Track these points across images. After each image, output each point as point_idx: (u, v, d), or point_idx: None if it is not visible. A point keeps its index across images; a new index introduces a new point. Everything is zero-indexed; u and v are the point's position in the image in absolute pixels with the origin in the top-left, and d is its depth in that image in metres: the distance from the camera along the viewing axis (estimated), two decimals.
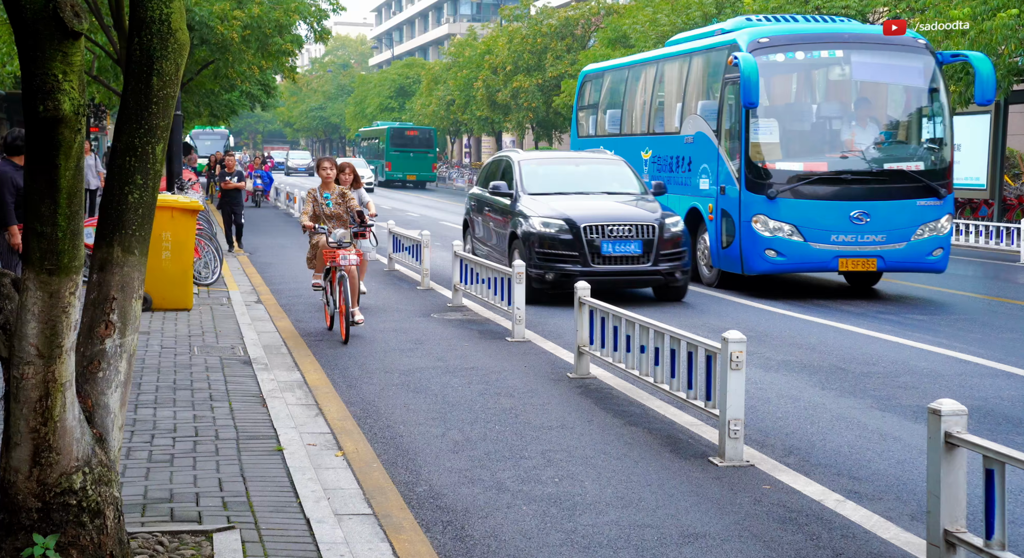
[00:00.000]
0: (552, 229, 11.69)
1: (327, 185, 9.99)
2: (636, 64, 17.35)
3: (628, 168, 13.57)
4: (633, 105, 16.93)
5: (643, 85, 16.60)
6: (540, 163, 13.61)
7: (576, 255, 11.54)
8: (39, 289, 3.69)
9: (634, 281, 11.88)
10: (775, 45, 12.92)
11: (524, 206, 12.31)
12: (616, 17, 37.95)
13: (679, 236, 11.93)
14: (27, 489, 3.76)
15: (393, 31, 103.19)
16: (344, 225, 9.87)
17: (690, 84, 14.66)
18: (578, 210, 11.92)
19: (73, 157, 3.67)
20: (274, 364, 8.12)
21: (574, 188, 12.83)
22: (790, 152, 12.75)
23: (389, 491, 5.25)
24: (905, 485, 5.50)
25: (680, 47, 15.73)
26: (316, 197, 9.96)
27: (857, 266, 12.46)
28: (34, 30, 3.51)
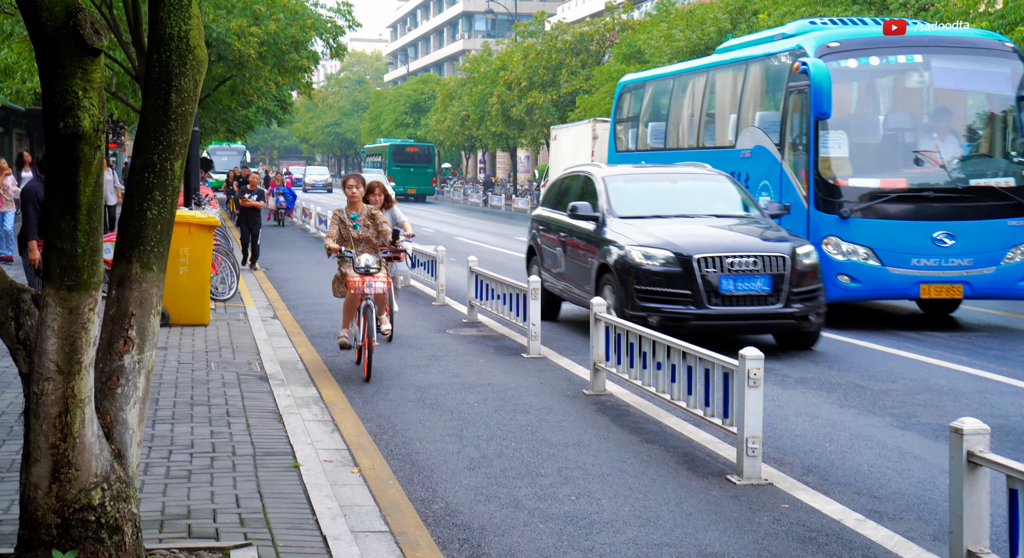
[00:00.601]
0: (656, 262, 9.49)
1: (354, 205, 8.95)
2: (683, 73, 16.10)
3: (734, 184, 11.45)
4: (679, 117, 15.73)
5: (691, 95, 15.37)
6: (629, 179, 11.42)
7: (687, 294, 9.36)
8: (59, 305, 3.70)
9: (760, 326, 9.72)
10: (846, 50, 11.83)
11: (615, 232, 10.15)
12: (631, 33, 38.03)
13: (814, 269, 9.81)
14: (47, 505, 3.76)
15: (408, 47, 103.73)
16: (373, 250, 8.88)
17: (747, 94, 13.52)
18: (686, 237, 9.76)
19: (93, 173, 3.69)
20: (290, 380, 8.12)
21: (673, 209, 10.66)
22: (864, 167, 11.65)
23: (405, 508, 5.23)
24: (927, 505, 5.44)
25: (734, 54, 14.56)
26: (342, 218, 8.95)
27: (940, 293, 11.18)
28: (55, 47, 3.54)
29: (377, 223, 8.93)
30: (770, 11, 25.43)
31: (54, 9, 3.52)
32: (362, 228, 8.93)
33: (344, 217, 8.96)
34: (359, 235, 8.91)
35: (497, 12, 66.95)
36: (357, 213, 8.95)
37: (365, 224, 8.94)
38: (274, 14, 19.02)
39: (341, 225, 8.95)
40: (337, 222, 8.97)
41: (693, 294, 9.36)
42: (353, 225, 8.93)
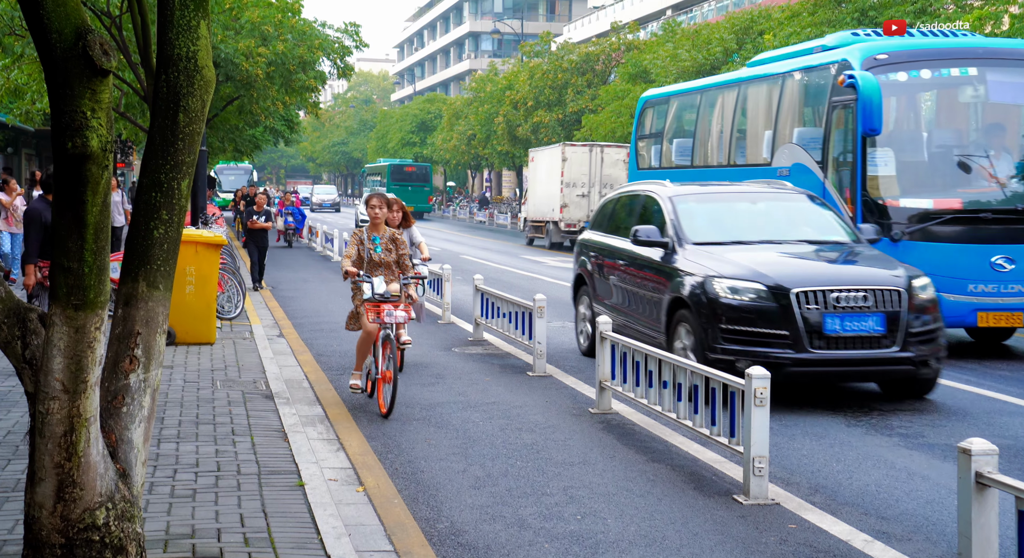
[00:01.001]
0: (745, 296, 8.08)
1: (376, 226, 8.29)
2: (711, 88, 15.36)
3: (821, 204, 9.92)
4: (707, 134, 15.00)
5: (720, 111, 14.63)
6: (701, 199, 9.82)
7: (785, 335, 7.92)
8: (65, 324, 3.71)
9: (871, 373, 8.28)
10: (895, 62, 11.16)
11: (691, 261, 8.70)
12: (637, 53, 38.20)
13: (933, 304, 8.40)
14: (51, 525, 3.76)
15: (415, 67, 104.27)
16: (393, 274, 8.29)
17: (783, 109, 12.82)
18: (780, 267, 8.35)
19: (100, 193, 3.71)
20: (296, 398, 8.12)
21: (756, 234, 9.21)
22: (916, 186, 10.90)
23: (410, 527, 5.21)
24: (935, 526, 5.40)
25: (768, 68, 13.75)
26: (362, 239, 8.27)
27: (1000, 321, 10.51)
28: (64, 68, 3.56)
29: (399, 248, 8.28)
30: (775, 32, 25.55)
31: (64, 31, 3.55)
32: (383, 252, 8.26)
33: (364, 238, 8.28)
34: (379, 259, 8.24)
35: (503, 32, 67.32)
36: (379, 235, 8.30)
37: (387, 247, 8.28)
38: (282, 35, 19.16)
39: (360, 246, 8.28)
40: (356, 243, 8.29)
41: (791, 335, 7.91)
42: (374, 247, 8.26)
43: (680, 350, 8.36)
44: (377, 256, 8.25)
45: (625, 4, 59.71)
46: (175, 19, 3.91)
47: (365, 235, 8.30)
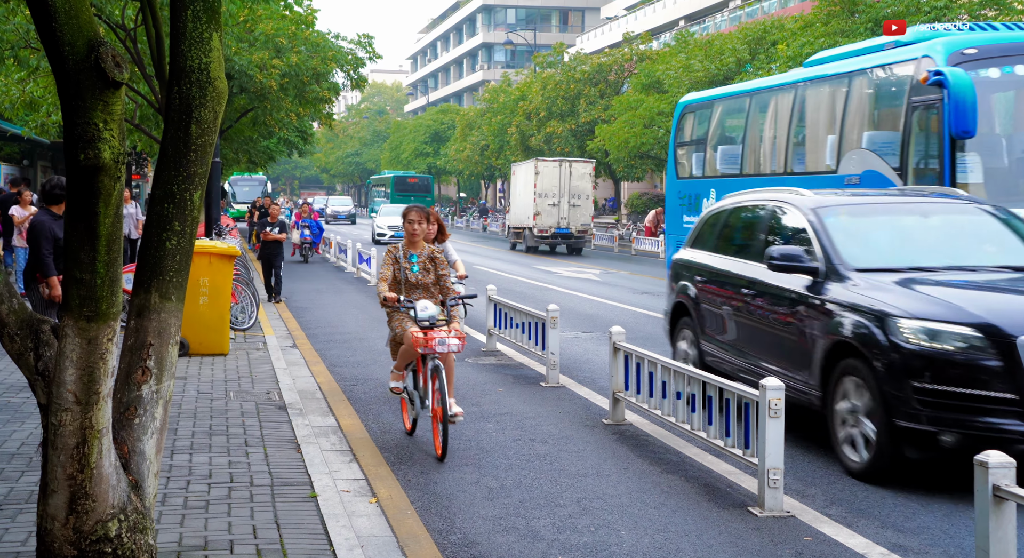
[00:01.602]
0: (950, 344, 6.05)
1: (414, 243, 7.32)
2: (762, 91, 14.18)
3: (1007, 217, 7.73)
4: (759, 140, 13.88)
5: (774, 115, 13.51)
6: (856, 212, 7.80)
7: (1012, 400, 5.88)
8: (77, 336, 3.71)
9: None
10: (986, 57, 10.17)
11: (857, 293, 6.70)
12: (649, 63, 38.23)
13: None
14: (63, 537, 3.76)
15: (428, 78, 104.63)
16: (432, 297, 7.31)
17: (851, 111, 11.67)
18: (991, 305, 6.29)
19: (113, 205, 3.71)
20: (309, 409, 8.11)
21: (938, 258, 7.19)
22: (1017, 194, 9.72)
23: (423, 539, 5.19)
24: (952, 539, 5.34)
25: (830, 67, 12.61)
26: (398, 258, 7.30)
27: None
28: (76, 80, 3.58)
29: (438, 267, 7.29)
30: (789, 42, 25.52)
31: (76, 43, 3.57)
32: (421, 271, 7.26)
33: (400, 256, 7.28)
34: (417, 279, 7.25)
35: (516, 43, 67.51)
36: (417, 253, 7.31)
37: (425, 267, 7.27)
38: (296, 47, 19.24)
39: (396, 266, 7.28)
40: (391, 262, 7.27)
41: (1021, 399, 5.86)
42: (411, 267, 7.26)
43: (847, 412, 6.53)
44: (414, 277, 7.25)
45: (638, 15, 59.77)
46: (187, 31, 3.92)
47: (401, 253, 7.30)
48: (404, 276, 7.26)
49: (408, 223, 7.31)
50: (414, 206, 7.55)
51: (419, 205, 7.71)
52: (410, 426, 7.49)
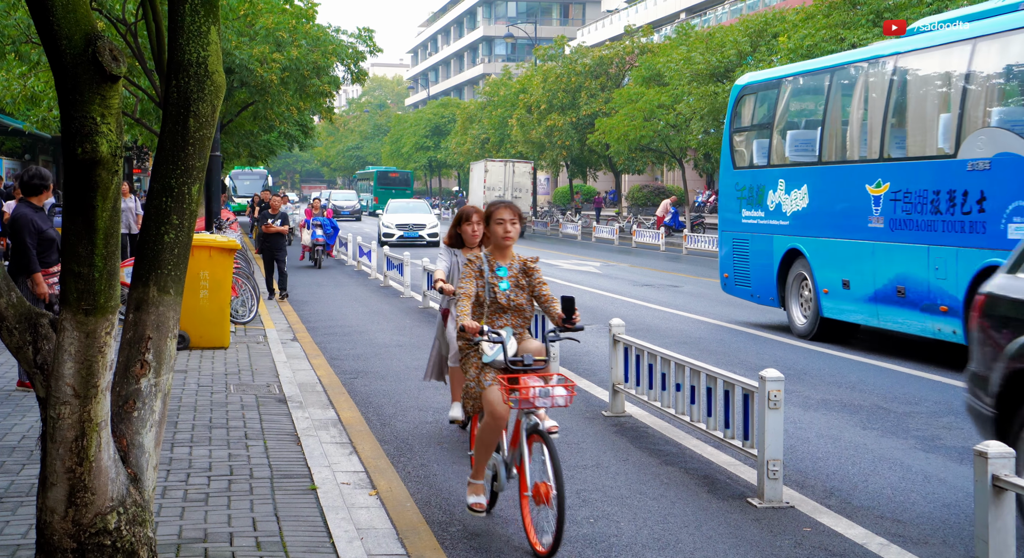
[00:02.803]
0: None
1: (502, 251, 5.48)
2: (847, 65, 12.14)
3: None
4: (844, 122, 12.07)
5: (863, 93, 11.61)
6: None
7: None
8: (76, 329, 3.72)
9: None
10: None
11: None
12: (650, 56, 38.17)
13: None
14: (62, 529, 3.77)
15: (429, 71, 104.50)
16: (523, 325, 5.53)
17: (973, 85, 9.83)
18: None
19: (110, 198, 3.72)
20: (309, 402, 8.13)
21: None
22: None
23: (423, 531, 5.20)
24: (952, 529, 5.35)
25: (942, 35, 10.70)
26: (482, 269, 5.44)
27: None
28: (74, 74, 3.58)
29: (534, 282, 5.47)
30: (790, 34, 25.46)
31: (73, 37, 3.57)
32: (512, 289, 5.44)
33: (485, 268, 5.43)
34: (508, 300, 5.43)
35: (517, 37, 67.40)
36: (506, 264, 5.48)
37: (518, 283, 5.47)
38: (296, 41, 19.22)
39: (478, 280, 5.42)
40: (474, 275, 5.42)
41: None
42: (499, 282, 5.43)
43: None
44: (504, 296, 5.41)
45: (639, 8, 59.67)
46: (185, 25, 3.92)
47: (486, 264, 5.45)
48: (490, 295, 5.40)
49: (497, 224, 5.42)
50: (502, 202, 5.55)
51: (508, 201, 5.64)
52: (487, 503, 5.27)
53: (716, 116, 30.30)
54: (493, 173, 40.79)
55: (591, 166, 46.83)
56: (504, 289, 5.43)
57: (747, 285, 13.68)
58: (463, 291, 5.37)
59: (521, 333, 5.53)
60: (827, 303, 11.83)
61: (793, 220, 12.58)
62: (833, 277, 11.77)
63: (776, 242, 12.93)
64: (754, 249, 13.48)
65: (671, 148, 36.57)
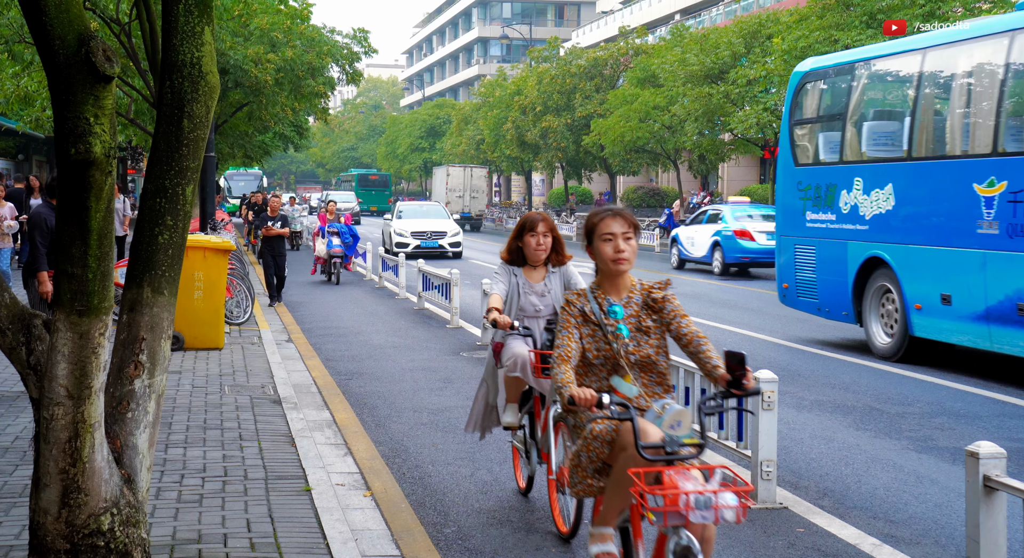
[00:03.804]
0: None
1: (613, 281, 3.96)
2: (943, 46, 10.43)
3: None
4: (938, 112, 10.54)
5: (969, 77, 10.00)
6: None
7: None
8: (69, 330, 3.71)
9: None
10: None
11: None
12: (645, 57, 38.20)
13: None
14: (56, 530, 3.76)
15: (424, 72, 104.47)
16: (659, 382, 3.94)
17: None
18: None
19: (104, 199, 3.72)
20: (303, 403, 8.12)
21: None
22: None
23: (417, 532, 5.21)
24: (943, 529, 5.37)
25: None
26: (588, 313, 3.93)
27: None
28: (67, 74, 3.58)
29: (667, 318, 3.89)
30: (784, 35, 25.51)
31: (66, 37, 3.57)
32: (634, 335, 3.90)
33: (594, 309, 3.91)
34: (634, 353, 3.89)
35: (512, 38, 67.56)
36: (621, 301, 3.93)
37: (641, 326, 3.91)
38: (291, 41, 19.21)
39: (583, 324, 3.90)
40: (575, 321, 3.89)
41: None
42: (617, 328, 3.89)
43: None
44: (624, 345, 3.86)
45: (633, 9, 59.72)
46: (179, 25, 3.92)
47: (592, 302, 3.90)
48: (602, 349, 3.84)
49: (604, 241, 3.83)
50: (609, 210, 3.93)
51: (618, 208, 3.99)
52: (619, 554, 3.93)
53: (710, 117, 30.34)
54: (454, 176, 46.89)
55: (586, 167, 46.88)
56: (623, 333, 3.84)
57: (812, 297, 11.98)
58: (559, 352, 3.77)
59: (662, 394, 3.91)
60: (919, 320, 10.18)
61: (874, 224, 10.86)
62: (928, 291, 10.09)
63: (852, 249, 11.21)
64: (822, 256, 11.76)
65: (666, 149, 36.62)
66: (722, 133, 31.73)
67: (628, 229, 3.88)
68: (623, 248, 3.86)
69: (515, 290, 5.61)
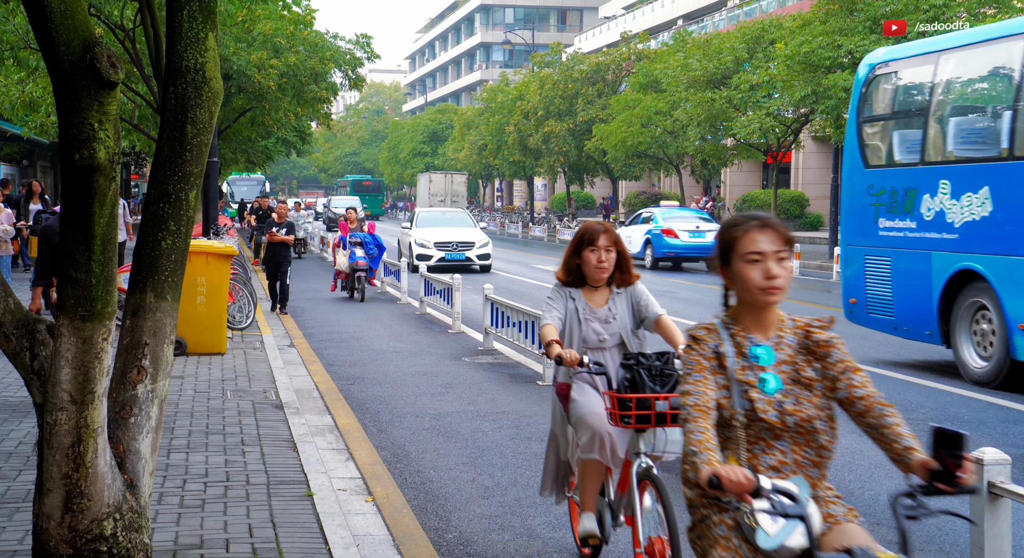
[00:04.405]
0: None
1: (753, 316, 2.87)
2: None
3: None
4: None
5: None
6: None
7: None
8: (73, 335, 3.72)
9: None
10: None
11: None
12: (647, 62, 38.27)
13: None
14: (59, 536, 3.76)
15: (426, 78, 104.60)
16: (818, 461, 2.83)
17: None
18: None
19: (108, 204, 3.72)
20: (305, 408, 8.13)
21: None
22: None
23: (419, 538, 5.20)
24: (947, 536, 5.36)
25: None
26: (725, 355, 2.83)
27: None
28: (72, 80, 3.59)
29: (832, 368, 2.83)
30: (787, 41, 25.53)
31: (72, 43, 3.57)
32: (789, 388, 2.82)
33: (728, 351, 2.85)
34: (779, 413, 2.80)
35: (514, 43, 67.58)
36: (768, 340, 2.87)
37: (799, 376, 2.84)
38: (294, 47, 19.25)
39: (716, 377, 2.83)
40: (708, 368, 2.83)
41: None
42: (760, 379, 2.82)
43: None
44: (772, 404, 2.81)
45: (635, 14, 59.79)
46: (183, 31, 3.93)
47: (728, 342, 2.87)
48: (743, 405, 2.81)
49: (750, 261, 2.81)
50: (753, 217, 2.90)
51: (761, 214, 2.95)
52: None
53: (713, 122, 30.37)
54: (436, 182, 51.74)
55: (588, 172, 46.91)
56: (771, 390, 2.80)
57: (888, 314, 10.74)
58: (695, 399, 2.74)
59: (818, 481, 2.82)
60: None
61: (965, 232, 9.63)
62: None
63: (937, 260, 9.97)
64: (900, 269, 10.53)
65: (668, 154, 36.65)
66: (724, 138, 31.76)
67: (782, 247, 2.83)
68: (776, 273, 2.80)
69: (573, 317, 4.66)
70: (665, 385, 4.18)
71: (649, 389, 4.17)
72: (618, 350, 4.63)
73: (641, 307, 4.71)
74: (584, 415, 4.44)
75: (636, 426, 4.16)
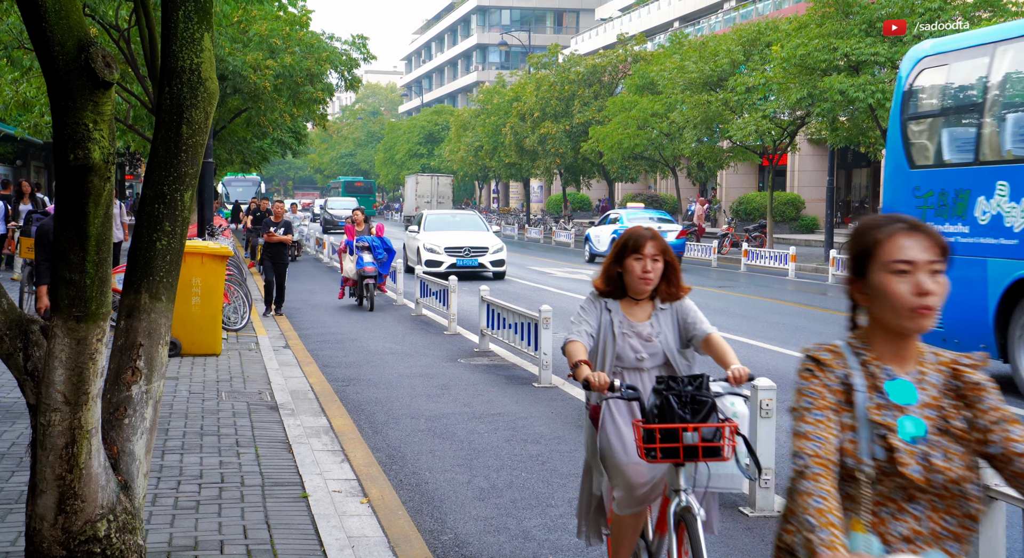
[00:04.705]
0: None
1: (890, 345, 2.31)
2: None
3: None
4: None
5: None
6: None
7: None
8: (67, 336, 3.71)
9: None
10: None
11: None
12: (643, 64, 38.29)
13: None
14: (52, 537, 3.75)
15: (423, 79, 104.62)
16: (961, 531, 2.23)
17: None
18: None
19: (102, 205, 3.71)
20: (301, 409, 8.11)
21: None
22: None
23: (414, 539, 5.19)
24: None
25: None
26: (851, 391, 2.26)
27: None
28: (66, 81, 3.58)
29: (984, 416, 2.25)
30: (783, 43, 25.55)
31: (66, 43, 3.56)
32: (934, 438, 2.24)
33: (859, 383, 2.27)
34: (922, 468, 2.21)
35: (511, 44, 67.66)
36: (907, 373, 2.30)
37: (946, 425, 2.26)
38: (290, 47, 19.24)
39: (841, 414, 2.25)
40: (834, 398, 2.26)
41: None
42: (899, 424, 2.23)
43: None
44: (913, 455, 2.21)
45: (632, 16, 59.84)
46: (179, 32, 3.92)
47: (858, 374, 2.28)
48: (871, 453, 2.23)
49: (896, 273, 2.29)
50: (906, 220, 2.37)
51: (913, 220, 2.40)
52: None
53: (709, 125, 30.38)
54: (423, 184, 54.13)
55: (584, 174, 46.91)
56: (910, 437, 2.25)
57: (936, 325, 9.98)
58: (814, 446, 2.21)
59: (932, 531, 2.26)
60: None
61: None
62: None
63: (994, 268, 9.26)
64: (951, 277, 8.93)
65: (664, 156, 36.66)
66: (720, 140, 31.80)
67: (937, 257, 2.30)
68: (930, 289, 2.26)
69: (608, 331, 4.08)
70: (697, 414, 3.62)
71: (678, 418, 3.59)
72: (659, 372, 4.07)
73: (688, 325, 4.07)
74: (620, 465, 3.90)
75: (662, 461, 3.63)
